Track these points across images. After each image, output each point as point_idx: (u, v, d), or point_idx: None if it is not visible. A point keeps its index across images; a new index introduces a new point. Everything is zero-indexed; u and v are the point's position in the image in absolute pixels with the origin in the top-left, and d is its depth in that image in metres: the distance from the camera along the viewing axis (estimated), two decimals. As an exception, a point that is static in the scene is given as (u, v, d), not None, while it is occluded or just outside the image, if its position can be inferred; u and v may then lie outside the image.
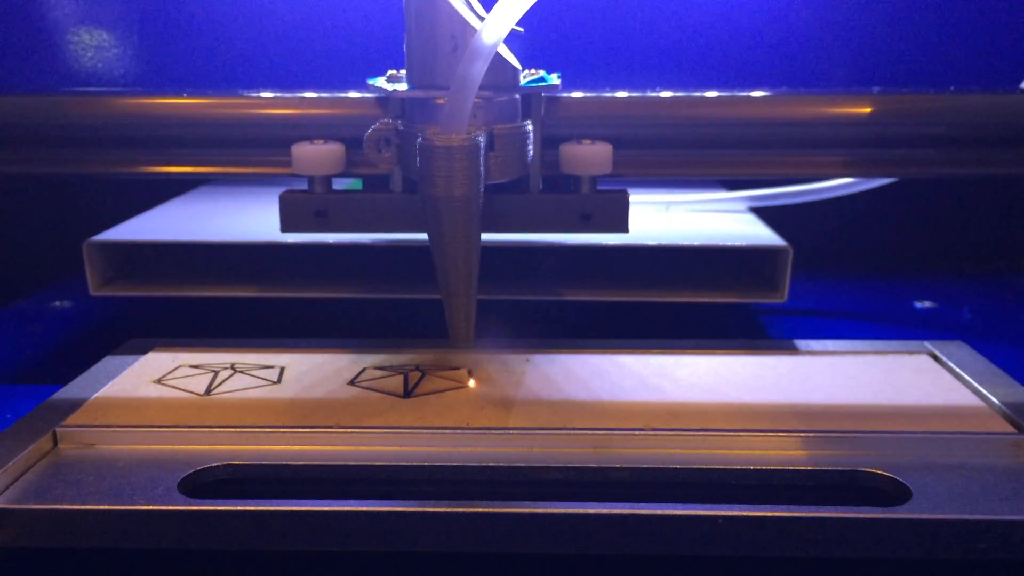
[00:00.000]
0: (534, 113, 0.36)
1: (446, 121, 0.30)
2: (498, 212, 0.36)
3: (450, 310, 0.33)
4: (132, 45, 0.61)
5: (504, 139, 0.34)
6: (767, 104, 0.37)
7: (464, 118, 0.30)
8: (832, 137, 0.37)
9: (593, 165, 0.36)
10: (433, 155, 0.30)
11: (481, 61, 0.29)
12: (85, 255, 0.43)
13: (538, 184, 0.37)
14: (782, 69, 0.60)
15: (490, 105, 0.33)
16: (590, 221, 0.37)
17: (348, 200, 0.37)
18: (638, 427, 0.31)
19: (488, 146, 0.33)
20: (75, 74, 0.61)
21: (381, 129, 0.34)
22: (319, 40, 0.60)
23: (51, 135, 0.38)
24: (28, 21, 0.61)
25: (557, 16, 0.59)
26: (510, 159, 0.34)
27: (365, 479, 0.30)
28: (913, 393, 0.35)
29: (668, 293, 0.43)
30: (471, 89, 0.30)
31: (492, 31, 0.29)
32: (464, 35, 0.32)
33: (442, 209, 0.31)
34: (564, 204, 0.37)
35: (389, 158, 0.34)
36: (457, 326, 0.33)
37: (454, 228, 0.31)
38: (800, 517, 0.26)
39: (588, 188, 0.37)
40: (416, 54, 0.34)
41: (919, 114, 0.37)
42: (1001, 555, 0.26)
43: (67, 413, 0.33)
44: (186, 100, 0.38)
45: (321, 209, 0.37)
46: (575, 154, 0.36)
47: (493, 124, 0.33)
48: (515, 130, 0.34)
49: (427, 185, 0.31)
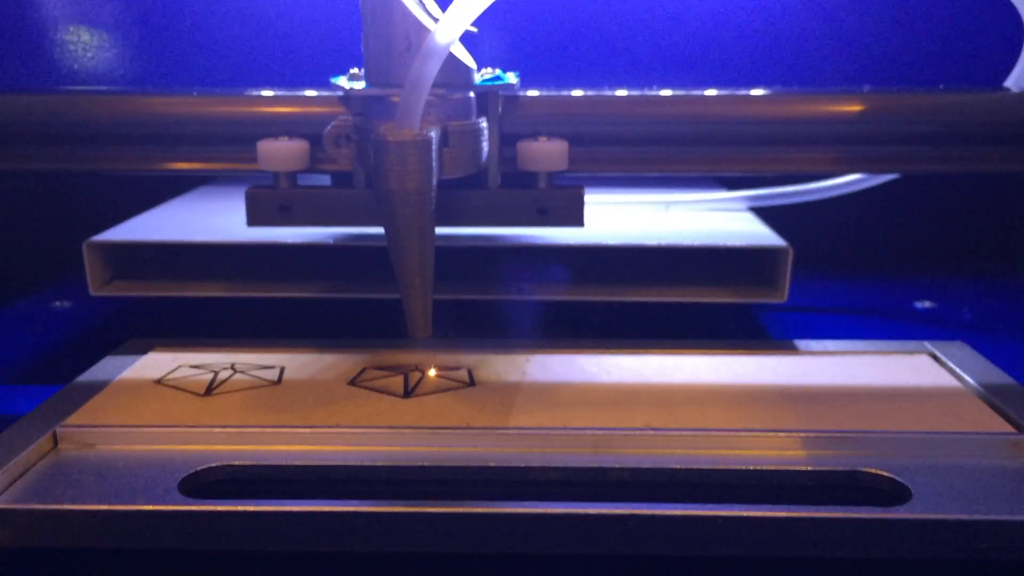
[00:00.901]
0: (491, 111, 0.37)
1: (400, 118, 0.31)
2: (457, 206, 0.38)
3: (407, 301, 0.33)
4: (123, 44, 0.61)
5: (458, 136, 0.35)
6: (726, 102, 0.38)
7: (416, 115, 0.31)
8: (821, 134, 0.38)
9: (549, 161, 0.37)
10: (387, 150, 0.31)
11: (434, 60, 0.30)
12: (85, 255, 0.43)
13: (496, 179, 0.38)
14: (774, 68, 0.60)
15: (444, 103, 0.34)
16: (547, 215, 0.38)
17: (311, 195, 0.38)
18: (638, 427, 0.31)
19: (442, 142, 0.34)
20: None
21: (339, 126, 0.35)
22: (283, 38, 0.60)
23: (33, 132, 0.39)
24: (17, 19, 0.61)
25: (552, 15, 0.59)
26: (464, 155, 0.35)
27: (365, 479, 0.30)
28: (913, 393, 0.35)
29: (668, 293, 0.43)
30: (424, 87, 0.31)
31: (445, 32, 0.30)
32: (418, 35, 0.33)
33: (396, 203, 0.32)
34: (521, 199, 0.38)
35: (347, 154, 0.35)
36: (415, 317, 0.34)
37: (408, 221, 0.32)
38: (800, 517, 0.26)
39: (545, 184, 0.38)
40: (372, 53, 0.35)
41: (907, 112, 0.38)
42: (1001, 555, 0.26)
43: (67, 413, 0.33)
44: (154, 98, 0.39)
45: (285, 204, 0.38)
46: (532, 150, 0.37)
47: (447, 121, 0.34)
48: (469, 127, 0.35)
49: (381, 179, 0.32)
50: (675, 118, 0.38)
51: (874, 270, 0.60)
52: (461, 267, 0.46)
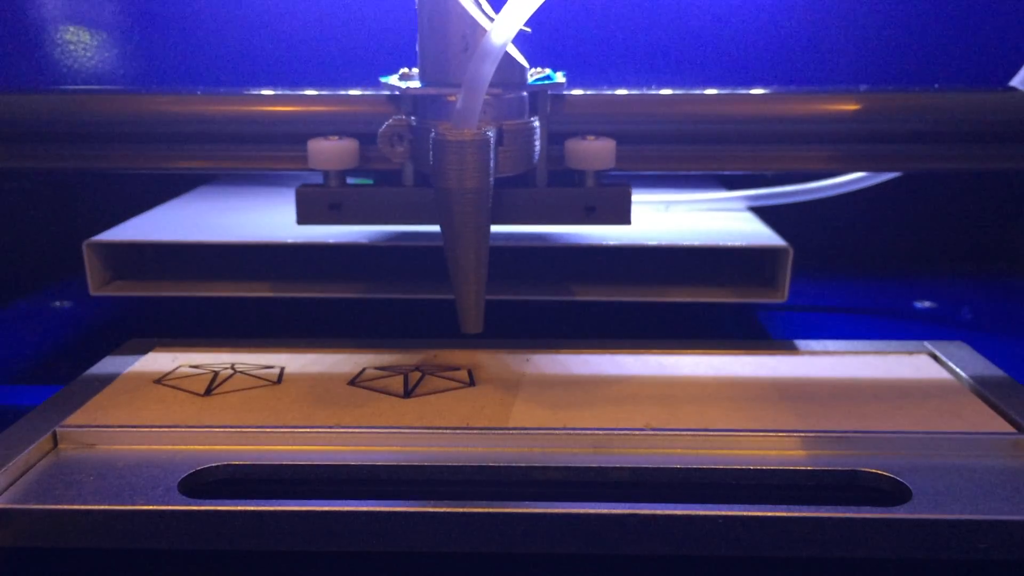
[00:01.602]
0: (540, 110, 0.37)
1: (458, 117, 0.31)
2: (506, 205, 0.38)
3: (460, 297, 0.34)
4: (132, 42, 0.61)
5: (512, 134, 0.35)
6: (761, 101, 0.39)
7: (475, 115, 0.31)
8: (823, 133, 0.38)
9: (596, 160, 0.37)
10: (446, 149, 0.32)
11: (491, 61, 0.31)
12: (85, 255, 0.43)
13: (544, 178, 0.38)
14: (779, 68, 0.60)
15: (499, 102, 0.35)
16: (594, 213, 0.38)
17: (361, 193, 0.38)
18: (638, 427, 0.31)
19: (497, 141, 0.34)
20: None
21: (395, 125, 0.35)
22: (325, 39, 0.60)
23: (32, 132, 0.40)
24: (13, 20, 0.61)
25: (566, 16, 0.59)
26: (518, 154, 0.36)
27: (365, 479, 0.30)
28: (913, 393, 0.35)
29: (668, 293, 0.43)
30: (481, 87, 0.31)
31: (501, 32, 0.30)
32: (474, 35, 0.34)
33: (454, 201, 0.32)
34: (569, 197, 0.38)
35: (402, 153, 0.36)
36: (467, 312, 0.34)
37: (465, 219, 0.32)
38: (800, 517, 0.26)
39: (592, 182, 0.38)
40: (429, 53, 0.35)
41: (903, 111, 0.38)
42: (1001, 555, 0.26)
43: (67, 413, 0.33)
44: (202, 98, 0.39)
45: (335, 202, 0.38)
46: (579, 149, 0.37)
47: (502, 120, 0.35)
48: (523, 126, 0.35)
49: (440, 178, 0.32)
50: (717, 116, 0.38)
51: (874, 270, 0.61)
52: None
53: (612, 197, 0.38)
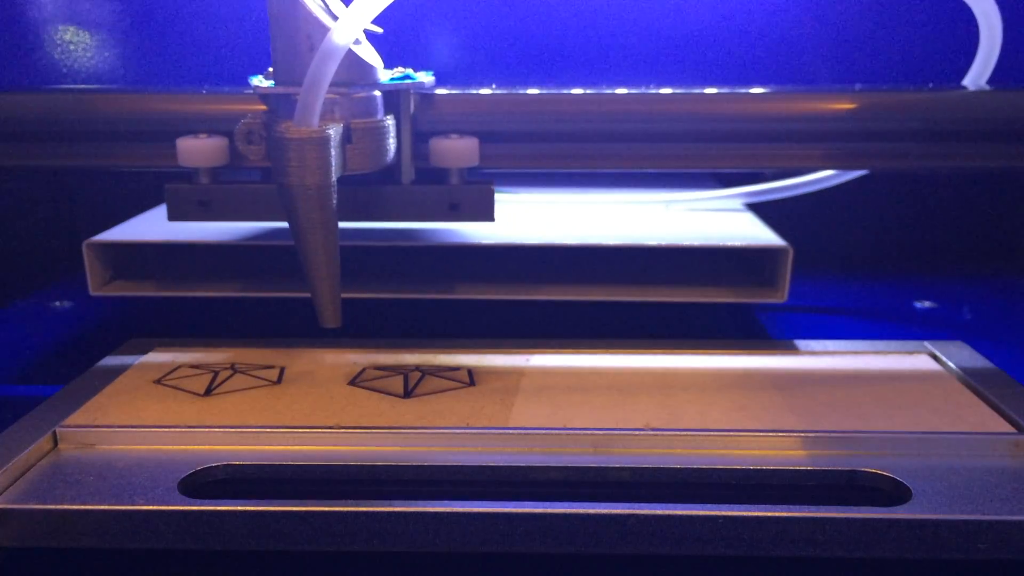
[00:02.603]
0: (402, 108, 0.38)
1: (299, 116, 0.32)
2: (371, 202, 0.39)
3: (314, 292, 0.34)
4: (132, 43, 0.61)
5: (362, 132, 0.36)
6: (637, 100, 0.39)
7: (314, 112, 0.32)
8: (811, 132, 0.39)
9: (460, 158, 0.38)
10: (287, 147, 0.32)
11: (332, 60, 0.31)
12: (85, 255, 0.43)
13: (411, 175, 0.39)
14: (773, 67, 0.60)
15: (348, 101, 0.35)
16: (458, 210, 0.39)
17: (228, 191, 0.39)
18: (638, 427, 0.31)
19: (345, 139, 0.35)
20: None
21: (249, 123, 0.36)
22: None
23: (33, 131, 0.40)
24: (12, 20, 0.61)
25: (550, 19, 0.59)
26: (368, 151, 0.36)
27: (365, 479, 0.30)
28: (913, 393, 0.35)
29: (668, 293, 0.43)
30: (321, 85, 0.32)
31: (342, 32, 0.31)
32: (319, 35, 0.34)
33: (296, 197, 0.33)
34: (433, 194, 0.39)
35: (257, 151, 0.36)
36: (323, 306, 0.35)
37: (309, 214, 0.33)
38: (800, 517, 0.26)
39: (457, 180, 0.39)
40: (279, 53, 0.36)
41: (899, 109, 0.38)
42: (1001, 555, 0.26)
43: (67, 413, 0.33)
44: (69, 95, 0.41)
45: (204, 199, 0.39)
46: (442, 147, 0.38)
47: (351, 118, 0.35)
48: (373, 124, 0.36)
49: (282, 175, 0.33)
50: (583, 115, 0.39)
51: (874, 270, 0.60)
52: (466, 267, 0.46)
53: (475, 195, 0.39)
